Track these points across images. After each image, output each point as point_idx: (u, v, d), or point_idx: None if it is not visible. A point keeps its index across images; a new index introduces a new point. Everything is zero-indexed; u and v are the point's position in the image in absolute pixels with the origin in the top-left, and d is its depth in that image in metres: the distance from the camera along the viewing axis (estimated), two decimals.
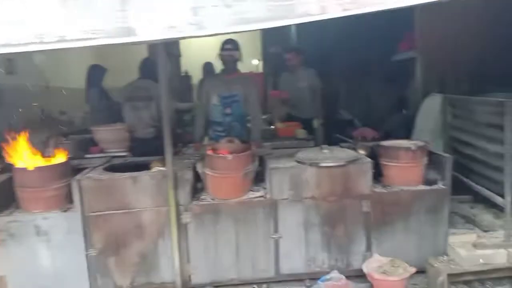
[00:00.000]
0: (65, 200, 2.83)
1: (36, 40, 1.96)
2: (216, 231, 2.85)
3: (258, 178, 3.09)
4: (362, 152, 3.12)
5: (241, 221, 2.85)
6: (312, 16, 1.93)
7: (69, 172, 2.91)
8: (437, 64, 4.98)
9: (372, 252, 2.89)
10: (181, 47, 6.80)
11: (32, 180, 2.76)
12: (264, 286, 2.88)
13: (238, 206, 2.85)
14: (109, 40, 1.97)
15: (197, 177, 3.00)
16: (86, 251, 2.78)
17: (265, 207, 2.86)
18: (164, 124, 2.75)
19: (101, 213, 2.77)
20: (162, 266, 2.84)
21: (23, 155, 2.87)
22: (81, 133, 4.99)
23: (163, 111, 2.77)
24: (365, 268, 2.73)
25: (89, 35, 1.95)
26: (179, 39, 2.06)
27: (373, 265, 2.75)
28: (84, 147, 4.17)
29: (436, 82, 4.93)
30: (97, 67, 5.56)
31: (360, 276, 2.81)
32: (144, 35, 1.97)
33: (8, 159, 2.84)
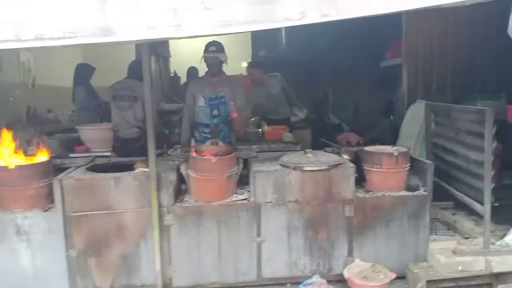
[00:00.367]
0: (46, 200, 2.80)
1: (13, 38, 1.94)
2: (199, 233, 2.84)
3: (243, 181, 3.09)
4: (346, 156, 3.15)
5: (224, 224, 2.85)
6: (291, 21, 1.95)
7: (51, 171, 2.88)
8: (422, 72, 5.07)
9: (354, 256, 2.91)
10: (171, 48, 6.80)
11: (13, 179, 2.72)
12: None
13: (221, 209, 2.85)
14: (88, 40, 1.95)
15: (181, 179, 2.99)
16: (66, 251, 2.75)
17: (248, 210, 2.86)
18: (148, 125, 2.74)
19: (82, 213, 2.75)
20: (143, 268, 2.82)
21: (4, 153, 2.83)
22: (68, 132, 4.95)
23: (146, 111, 2.75)
24: (346, 273, 2.74)
25: (67, 34, 1.94)
26: (158, 40, 2.05)
27: (354, 270, 2.76)
28: (70, 146, 4.14)
29: (421, 89, 5.02)
30: (85, 66, 5.51)
31: (342, 281, 2.82)
32: (123, 35, 1.96)
33: None
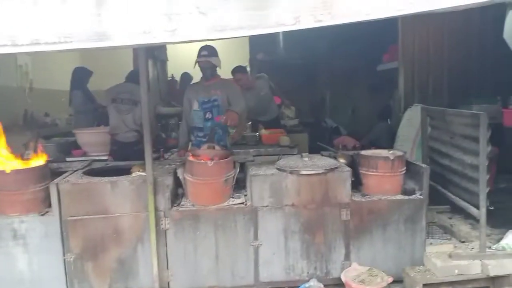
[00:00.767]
0: (43, 204, 2.79)
1: (9, 43, 1.94)
2: (195, 237, 2.84)
3: (240, 185, 3.10)
4: (342, 160, 3.15)
5: (221, 228, 2.85)
6: (285, 26, 1.96)
7: (47, 175, 2.88)
8: (418, 75, 5.10)
9: (351, 260, 2.91)
10: (168, 52, 6.81)
11: (9, 183, 2.72)
12: None
13: (218, 213, 2.85)
14: (84, 44, 1.96)
15: (178, 183, 2.99)
16: (63, 255, 2.75)
17: (245, 214, 2.86)
18: (145, 129, 2.74)
19: (79, 217, 2.74)
20: (141, 272, 2.82)
21: (1, 157, 2.83)
22: (65, 135, 4.96)
23: (143, 115, 2.76)
24: (343, 277, 2.75)
25: (63, 39, 1.94)
26: (153, 45, 2.06)
27: (351, 274, 2.77)
28: (67, 150, 4.14)
29: (417, 93, 5.05)
30: (82, 69, 5.52)
31: (339, 284, 2.83)
32: (118, 40, 1.96)
33: None
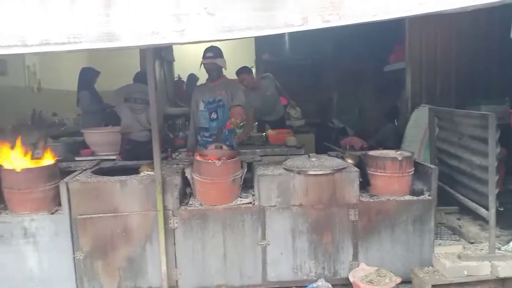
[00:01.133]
0: (53, 202, 2.82)
1: (19, 43, 1.96)
2: (204, 236, 2.85)
3: (247, 185, 3.11)
4: (349, 161, 3.15)
5: (229, 227, 2.86)
6: (293, 26, 1.97)
7: (57, 174, 2.91)
8: (426, 76, 5.08)
9: (359, 260, 2.91)
10: (175, 52, 6.84)
11: (20, 182, 2.75)
12: None
13: (226, 212, 2.86)
14: (93, 45, 1.98)
15: (186, 182, 3.01)
16: (73, 253, 2.77)
17: (253, 213, 2.87)
18: (153, 129, 2.76)
19: (88, 216, 2.77)
20: (149, 271, 2.84)
21: (12, 156, 2.86)
22: (73, 135, 5.00)
23: (152, 115, 2.78)
24: (351, 277, 2.75)
25: (73, 39, 1.96)
26: (162, 46, 2.07)
27: (359, 274, 2.77)
28: (75, 149, 4.17)
29: (425, 93, 5.03)
30: (90, 70, 5.56)
31: (347, 285, 2.83)
32: (127, 41, 1.98)
33: None
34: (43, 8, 1.92)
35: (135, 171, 3.01)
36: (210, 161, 2.94)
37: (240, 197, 2.98)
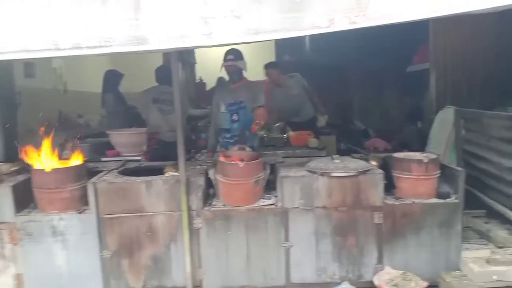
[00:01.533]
0: (80, 202, 2.89)
1: (52, 47, 2.02)
2: (227, 237, 2.87)
3: (270, 186, 3.11)
4: (373, 163, 3.12)
5: (252, 228, 2.87)
6: (319, 28, 1.97)
7: (85, 174, 2.97)
8: (450, 77, 4.97)
9: (384, 264, 2.88)
10: (196, 54, 6.91)
11: (49, 181, 2.82)
12: None
13: (249, 213, 2.88)
14: (122, 48, 2.02)
15: (209, 183, 3.04)
16: (100, 252, 2.83)
17: (276, 215, 2.87)
18: (178, 130, 2.79)
19: (115, 215, 2.82)
20: (174, 270, 2.87)
21: (41, 156, 2.94)
22: (98, 136, 5.11)
23: (176, 117, 2.81)
24: (376, 281, 2.72)
25: (103, 43, 2.01)
26: (189, 49, 2.10)
27: (384, 277, 2.74)
28: (100, 150, 4.26)
29: (449, 94, 4.92)
30: (114, 72, 5.66)
31: None
32: (156, 44, 2.02)
33: (26, 160, 2.92)
34: (75, 13, 1.98)
35: (159, 171, 3.05)
36: (233, 162, 2.96)
37: (263, 199, 2.99)
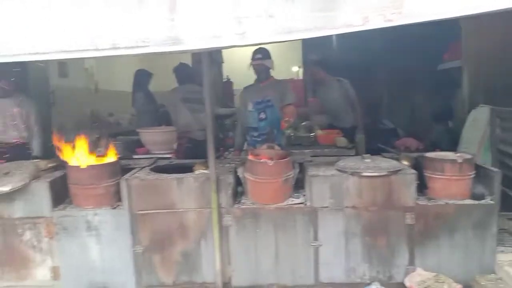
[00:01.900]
0: (114, 198, 2.97)
1: (91, 47, 2.08)
2: (256, 235, 2.88)
3: (298, 185, 3.11)
4: (405, 162, 3.06)
5: (281, 227, 2.87)
6: (353, 27, 1.94)
7: (118, 171, 3.05)
8: (484, 75, 4.81)
9: (415, 266, 2.83)
10: (223, 53, 6.95)
11: (84, 178, 2.92)
12: None
13: (278, 212, 2.88)
14: (158, 49, 2.06)
15: (238, 181, 3.06)
16: (132, 247, 2.90)
17: (305, 214, 2.87)
18: (208, 129, 2.83)
19: (147, 211, 2.89)
20: (204, 266, 2.91)
21: (77, 153, 3.04)
22: (127, 134, 5.23)
23: (207, 115, 2.85)
24: (408, 282, 2.68)
25: (140, 43, 2.06)
26: (223, 48, 2.12)
27: (416, 279, 2.69)
28: (131, 148, 4.36)
29: (483, 93, 4.77)
30: (144, 72, 5.78)
31: None
32: (191, 44, 2.05)
33: (62, 157, 3.02)
34: (112, 13, 2.03)
35: (189, 169, 3.10)
36: (262, 160, 2.97)
37: (292, 197, 2.99)
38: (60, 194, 3.00)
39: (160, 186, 2.89)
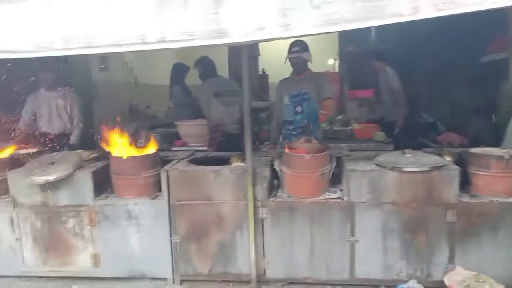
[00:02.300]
0: (154, 189, 3.06)
1: (139, 41, 2.14)
2: (291, 228, 2.89)
3: (335, 180, 3.08)
4: (448, 158, 2.96)
5: (316, 221, 2.86)
6: (403, 16, 1.88)
7: (158, 162, 3.14)
8: None
9: (455, 264, 2.74)
10: (260, 46, 6.94)
11: (126, 168, 3.02)
12: None
13: (314, 206, 2.87)
14: (204, 42, 2.08)
15: (274, 174, 3.06)
16: (170, 236, 2.98)
17: (341, 209, 2.84)
18: (245, 122, 2.84)
19: (185, 202, 2.95)
20: (239, 258, 2.95)
21: (119, 145, 3.14)
22: (165, 126, 5.34)
23: (244, 109, 2.86)
24: (447, 281, 2.61)
25: (186, 37, 2.09)
26: (267, 41, 2.11)
27: (456, 278, 2.61)
28: (169, 140, 4.46)
29: None
30: (181, 65, 5.85)
31: None
32: (235, 37, 2.05)
33: (105, 147, 3.13)
34: (159, 7, 2.07)
35: (226, 161, 3.13)
36: (299, 154, 2.96)
37: (328, 192, 2.96)
38: (102, 184, 3.12)
39: (198, 177, 2.95)
